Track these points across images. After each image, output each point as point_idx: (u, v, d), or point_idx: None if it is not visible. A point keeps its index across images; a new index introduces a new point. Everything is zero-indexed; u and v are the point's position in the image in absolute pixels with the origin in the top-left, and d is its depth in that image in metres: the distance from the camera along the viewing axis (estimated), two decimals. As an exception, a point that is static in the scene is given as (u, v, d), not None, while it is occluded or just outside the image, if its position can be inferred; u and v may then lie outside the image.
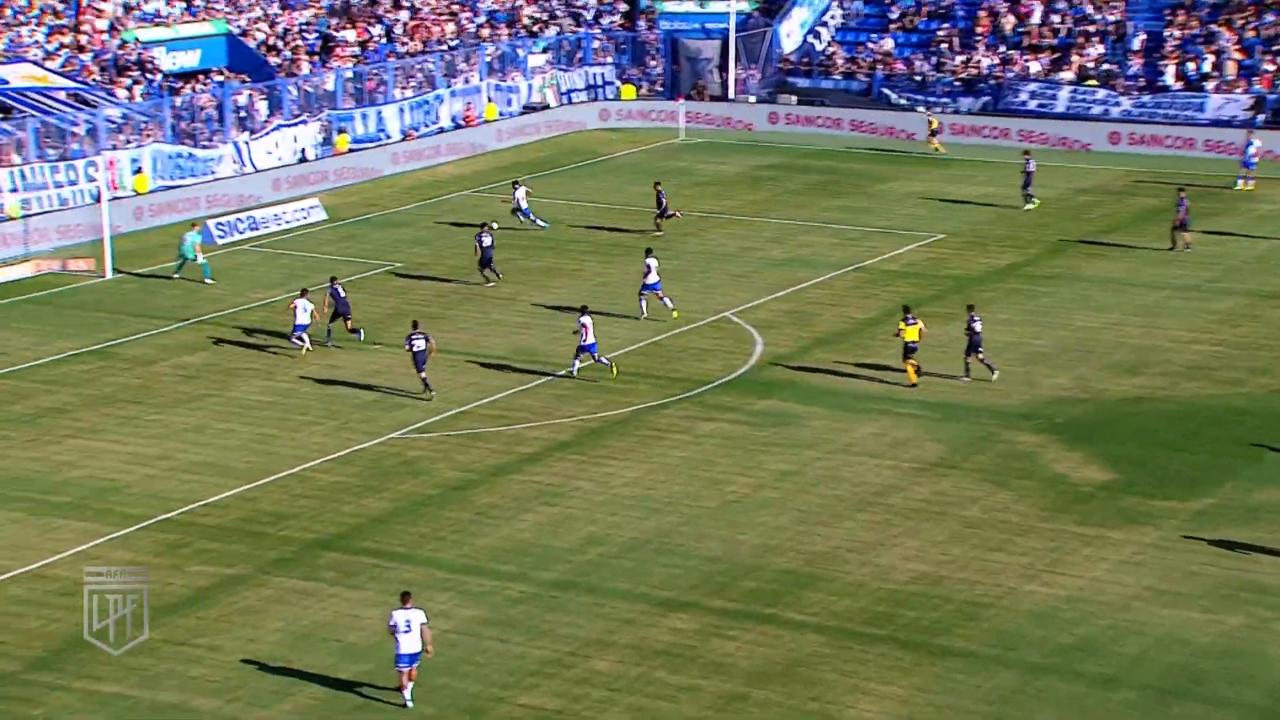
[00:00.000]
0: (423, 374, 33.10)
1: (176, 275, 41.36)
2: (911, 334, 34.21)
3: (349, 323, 36.68)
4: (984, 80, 61.50)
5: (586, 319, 34.04)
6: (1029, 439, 31.47)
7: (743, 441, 31.44)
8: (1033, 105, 60.17)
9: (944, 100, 61.15)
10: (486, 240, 41.41)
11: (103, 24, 54.96)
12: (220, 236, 46.32)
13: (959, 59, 62.29)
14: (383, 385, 34.38)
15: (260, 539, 27.01)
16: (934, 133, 57.83)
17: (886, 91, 62.47)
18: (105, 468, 29.81)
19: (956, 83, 61.79)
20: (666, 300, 38.44)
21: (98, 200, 44.95)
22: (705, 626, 24.13)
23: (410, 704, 21.79)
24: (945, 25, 64.45)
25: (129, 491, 28.77)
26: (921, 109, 59.28)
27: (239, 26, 59.02)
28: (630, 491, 29.08)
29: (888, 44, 64.53)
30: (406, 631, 21.67)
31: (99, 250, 42.94)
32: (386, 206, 50.96)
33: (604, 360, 34.39)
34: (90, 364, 35.70)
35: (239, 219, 47.41)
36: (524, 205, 46.80)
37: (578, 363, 34.41)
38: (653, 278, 38.30)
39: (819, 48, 65.73)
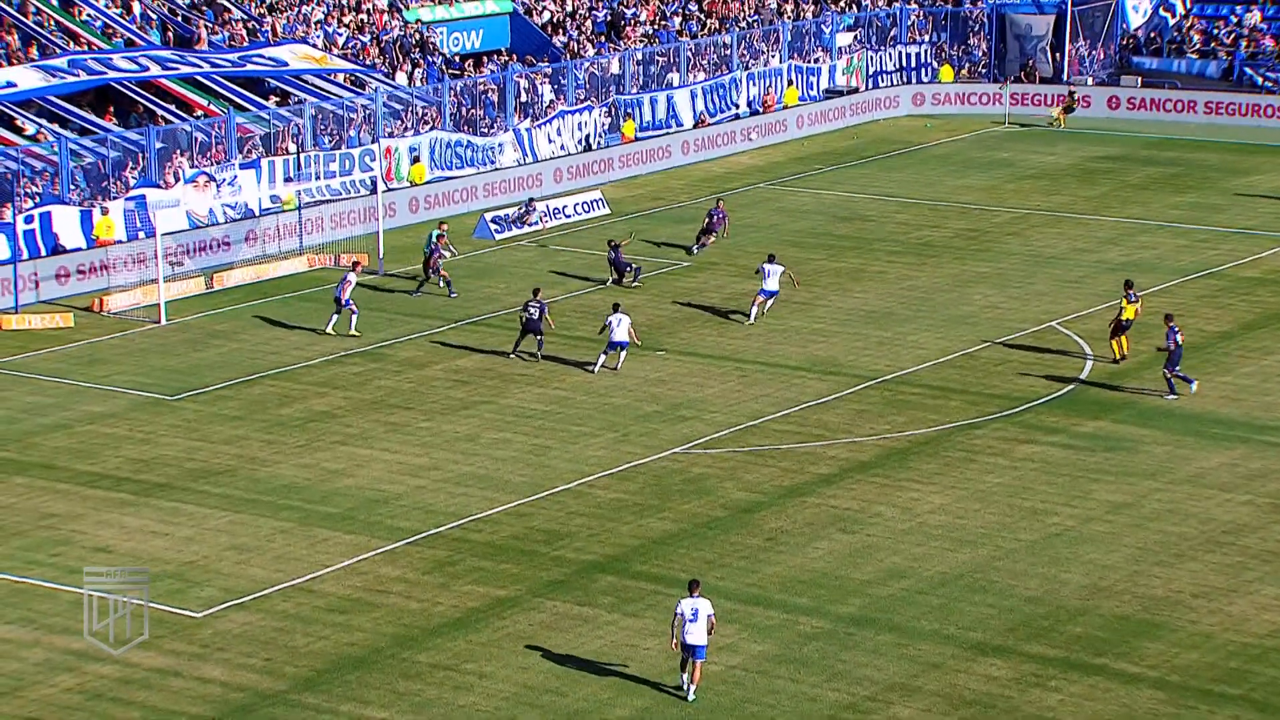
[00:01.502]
0: (522, 344, 35.99)
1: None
2: (1130, 312, 34.70)
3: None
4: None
5: (618, 316, 35.43)
6: None
7: (1068, 468, 30.63)
8: None
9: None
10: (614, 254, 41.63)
11: (384, 3, 57.26)
12: (498, 231, 47.66)
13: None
14: (666, 395, 34.79)
15: (533, 558, 27.65)
16: (1068, 109, 56.53)
17: (1250, 72, 59.97)
18: (374, 477, 31.01)
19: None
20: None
21: (373, 191, 46.83)
22: (1023, 675, 23.59)
23: (690, 697, 22.73)
24: (1321, -6, 61.58)
25: (398, 503, 29.85)
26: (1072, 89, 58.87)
27: (523, 4, 60.58)
28: (938, 520, 28.67)
29: (1254, 17, 61.91)
30: (693, 620, 22.52)
31: (373, 245, 44.69)
32: (675, 199, 51.58)
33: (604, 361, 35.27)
34: (361, 365, 37.21)
35: (517, 212, 48.66)
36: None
37: (603, 357, 35.56)
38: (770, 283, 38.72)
39: (1171, 22, 63.58)
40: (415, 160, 50.47)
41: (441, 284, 41.62)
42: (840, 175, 53.88)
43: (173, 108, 48.53)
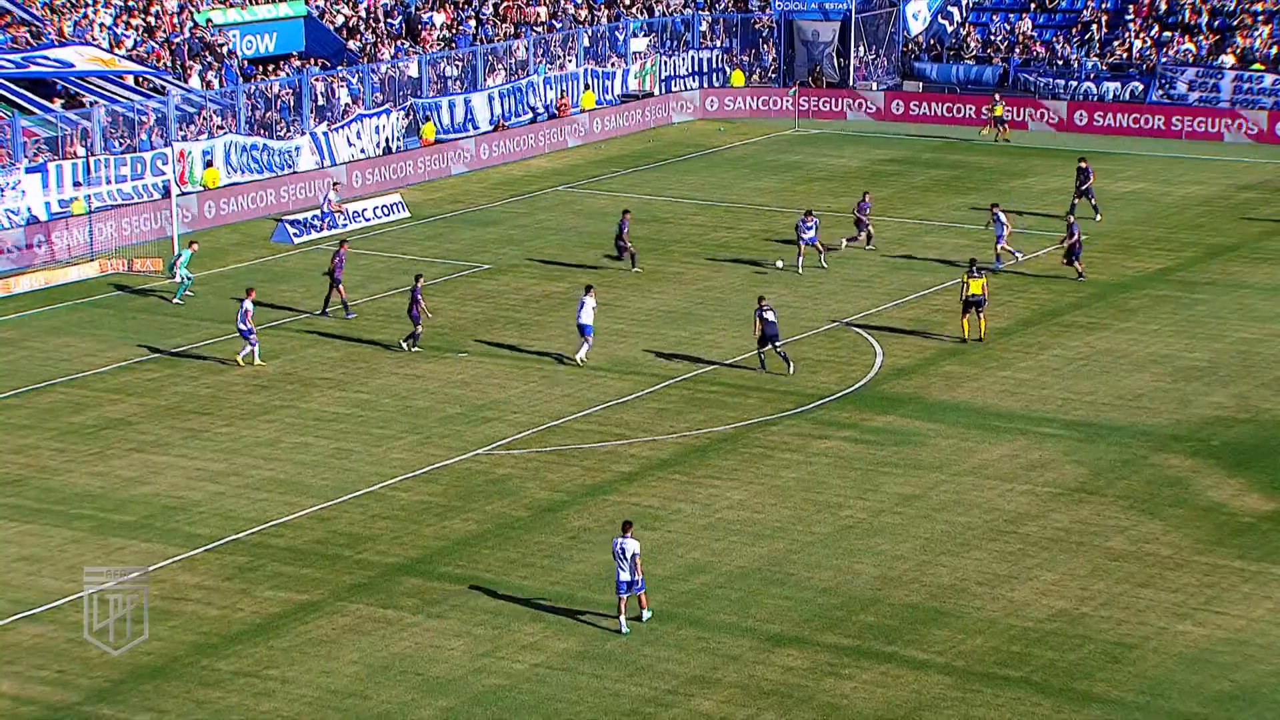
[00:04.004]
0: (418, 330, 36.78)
1: (178, 300, 40.76)
2: (976, 287, 36.19)
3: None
4: (1135, 65, 60.71)
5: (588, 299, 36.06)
6: (1181, 463, 30.97)
7: (859, 462, 31.27)
8: (1189, 93, 59.28)
9: (1087, 86, 60.47)
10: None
11: (173, 4, 55.99)
12: (296, 235, 46.97)
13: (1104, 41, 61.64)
14: (468, 397, 34.67)
15: (336, 562, 27.33)
16: (1000, 120, 57.42)
17: (1025, 77, 61.90)
18: (171, 484, 30.36)
19: (1104, 68, 61.06)
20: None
21: (166, 195, 45.79)
22: (819, 664, 24.02)
23: (625, 630, 24.55)
24: (1091, 4, 63.74)
25: (196, 510, 29.27)
26: (997, 95, 59.03)
27: (318, 7, 59.80)
28: (736, 515, 29.04)
29: (1026, 24, 63.93)
30: (622, 559, 24.44)
31: (167, 250, 43.71)
32: (474, 203, 51.41)
33: (579, 358, 36.09)
34: (157, 372, 36.38)
35: (315, 216, 48.03)
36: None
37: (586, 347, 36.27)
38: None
39: (950, 29, 65.30)
40: (209, 164, 49.50)
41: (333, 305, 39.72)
42: (636, 178, 54.26)
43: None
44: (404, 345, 37.09)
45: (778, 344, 35.58)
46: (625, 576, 24.60)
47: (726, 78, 64.67)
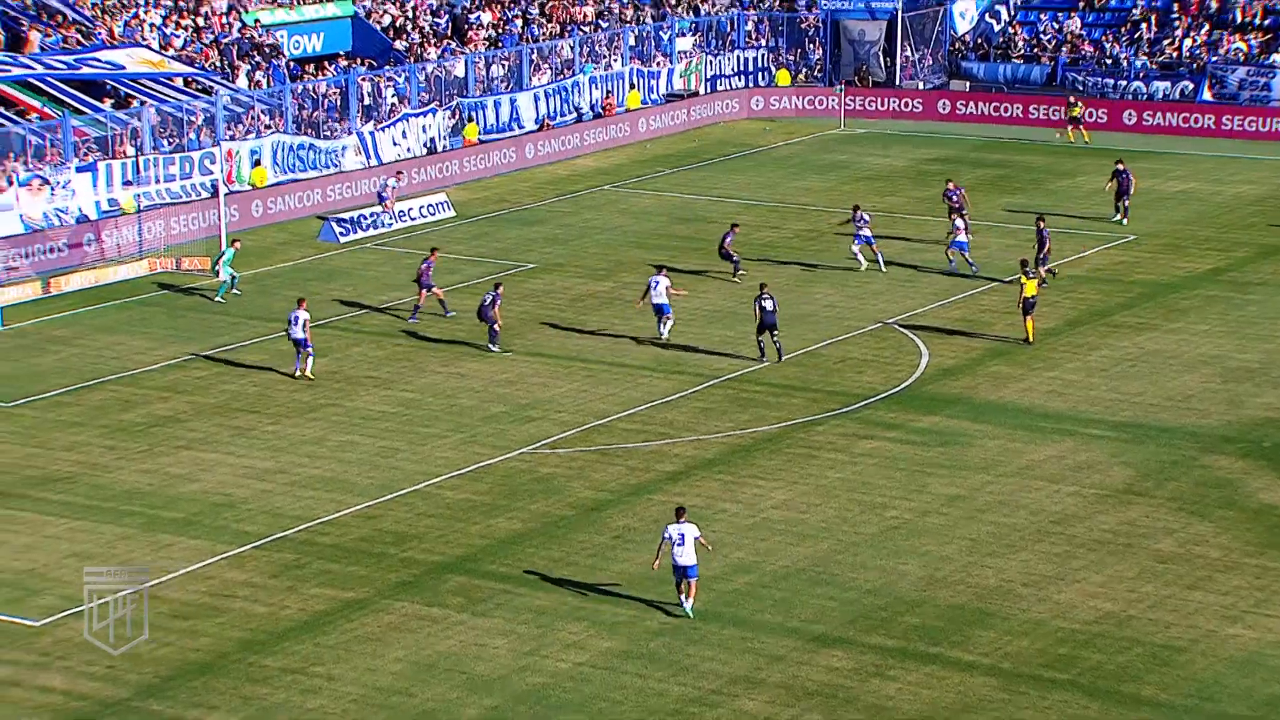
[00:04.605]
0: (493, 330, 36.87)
1: (219, 298, 41.09)
2: (1031, 288, 36.14)
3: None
4: (1185, 64, 60.26)
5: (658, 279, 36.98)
6: (1231, 464, 30.75)
7: (905, 462, 31.18)
8: (1240, 92, 58.81)
9: (1136, 85, 60.08)
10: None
11: (222, 4, 56.37)
12: (343, 234, 47.20)
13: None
14: (514, 396, 34.75)
15: (381, 560, 27.45)
16: (1075, 120, 56.89)
17: (1072, 76, 61.55)
18: (219, 481, 30.56)
19: (1153, 66, 60.64)
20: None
21: (214, 194, 46.10)
22: (863, 665, 23.97)
23: (691, 615, 24.80)
24: (1141, 3, 63.32)
25: (244, 507, 29.46)
26: (1073, 98, 58.34)
27: (364, 7, 60.06)
28: (781, 515, 29.01)
29: (1074, 23, 63.58)
30: (680, 544, 24.63)
31: (214, 248, 43.99)
32: (520, 202, 51.52)
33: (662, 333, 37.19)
34: (205, 370, 36.63)
35: (362, 215, 48.27)
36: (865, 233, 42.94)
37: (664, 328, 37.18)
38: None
39: (997, 28, 65.00)
40: (257, 163, 49.79)
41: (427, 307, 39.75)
42: (681, 178, 54.26)
43: (4, 111, 47.26)
44: (493, 348, 36.92)
45: (775, 333, 35.82)
46: (682, 561, 24.86)
47: (772, 77, 64.57)
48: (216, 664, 24.05)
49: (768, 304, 35.62)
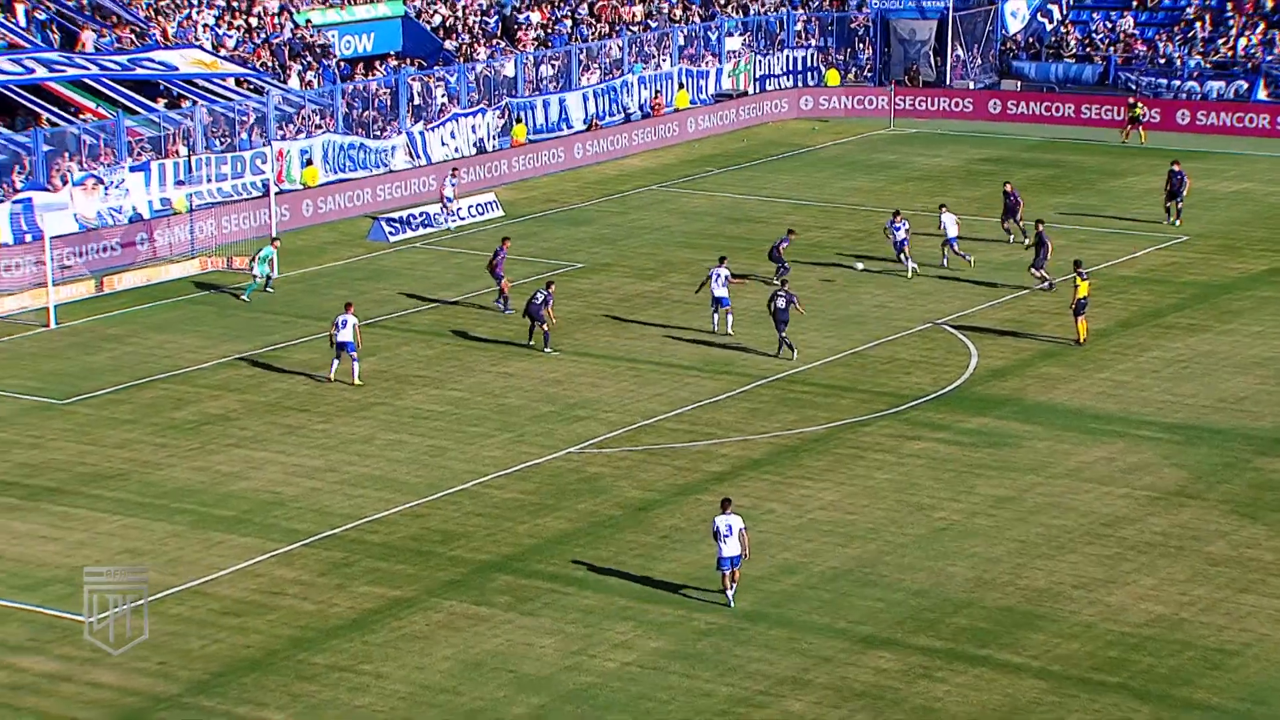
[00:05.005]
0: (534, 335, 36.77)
1: (245, 297, 41.17)
2: (1084, 290, 36.10)
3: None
4: (1239, 63, 59.73)
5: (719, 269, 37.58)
6: (1284, 467, 30.48)
7: (953, 463, 31.06)
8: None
9: (1190, 85, 59.62)
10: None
11: (275, 6, 56.72)
12: (392, 234, 47.42)
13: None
14: (561, 395, 34.82)
15: (429, 559, 27.57)
16: (1135, 120, 56.42)
17: (1125, 76, 61.13)
18: (269, 480, 30.75)
19: (1207, 66, 60.14)
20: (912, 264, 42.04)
21: (265, 194, 46.39)
22: (911, 667, 23.90)
23: (733, 604, 25.29)
24: (1195, 2, 62.82)
25: (294, 505, 29.63)
26: (1132, 99, 57.88)
27: (415, 8, 60.30)
28: (828, 516, 28.96)
29: (1128, 22, 63.14)
30: (728, 536, 25.05)
31: (265, 248, 44.22)
32: (568, 202, 51.61)
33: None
34: (256, 368, 36.87)
35: (411, 215, 48.48)
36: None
37: (715, 318, 37.77)
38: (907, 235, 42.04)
39: (1049, 27, 64.62)
40: (308, 163, 50.09)
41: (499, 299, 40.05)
42: (730, 178, 54.23)
43: (59, 111, 47.72)
44: (547, 351, 37.04)
45: (783, 330, 36.29)
46: (728, 553, 25.17)
47: (822, 77, 64.43)
48: (266, 661, 24.21)
49: (780, 302, 36.19)
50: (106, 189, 44.72)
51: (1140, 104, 57.26)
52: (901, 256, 42.63)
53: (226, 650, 24.47)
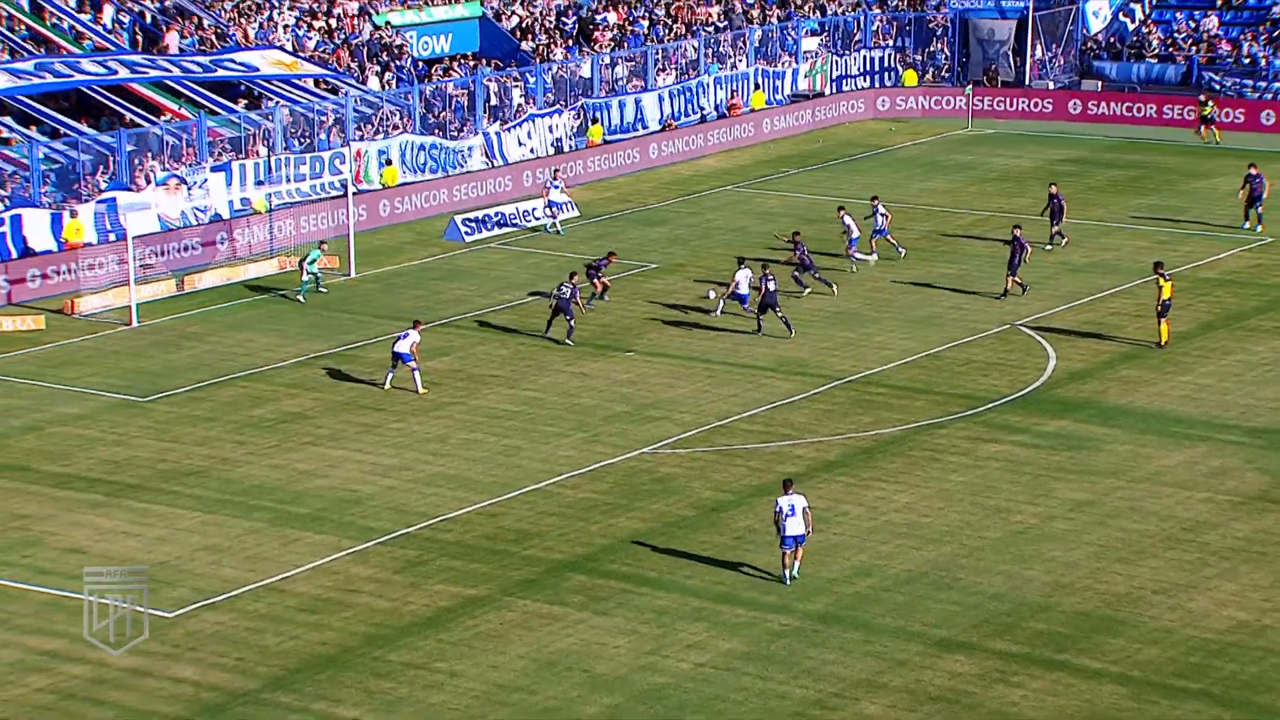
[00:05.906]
0: (570, 320, 37.23)
1: (301, 298, 41.35)
2: (1167, 291, 35.90)
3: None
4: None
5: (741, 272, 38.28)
6: (1369, 473, 29.99)
7: (1031, 466, 30.79)
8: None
9: (1276, 87, 58.79)
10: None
11: (354, 7, 57.18)
12: (468, 233, 47.64)
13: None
14: (635, 396, 34.84)
15: (503, 558, 27.67)
16: (1206, 119, 55.61)
17: (1208, 76, 60.37)
18: (346, 478, 30.98)
19: (1290, 65, 59.32)
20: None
21: (344, 194, 46.75)
22: (987, 671, 23.71)
23: (789, 581, 25.95)
24: None
25: (370, 503, 29.83)
26: (1203, 96, 57.08)
27: (492, 9, 60.55)
28: (903, 518, 28.79)
29: (1212, 22, 62.34)
30: (791, 515, 25.60)
31: (343, 247, 44.62)
32: (643, 202, 51.64)
33: (750, 310, 38.08)
34: (332, 367, 37.15)
35: (487, 215, 48.68)
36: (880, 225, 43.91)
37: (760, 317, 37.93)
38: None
39: (1131, 27, 63.94)
40: (387, 163, 50.43)
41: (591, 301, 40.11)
42: (806, 178, 54.05)
43: (142, 111, 48.33)
44: (569, 342, 37.37)
45: (778, 310, 37.16)
46: (792, 532, 25.66)
47: (898, 77, 64.09)
48: (341, 658, 24.39)
49: (770, 284, 37.15)
50: (189, 189, 45.22)
51: (1210, 102, 56.54)
52: (871, 244, 43.32)
53: (303, 647, 24.67)
